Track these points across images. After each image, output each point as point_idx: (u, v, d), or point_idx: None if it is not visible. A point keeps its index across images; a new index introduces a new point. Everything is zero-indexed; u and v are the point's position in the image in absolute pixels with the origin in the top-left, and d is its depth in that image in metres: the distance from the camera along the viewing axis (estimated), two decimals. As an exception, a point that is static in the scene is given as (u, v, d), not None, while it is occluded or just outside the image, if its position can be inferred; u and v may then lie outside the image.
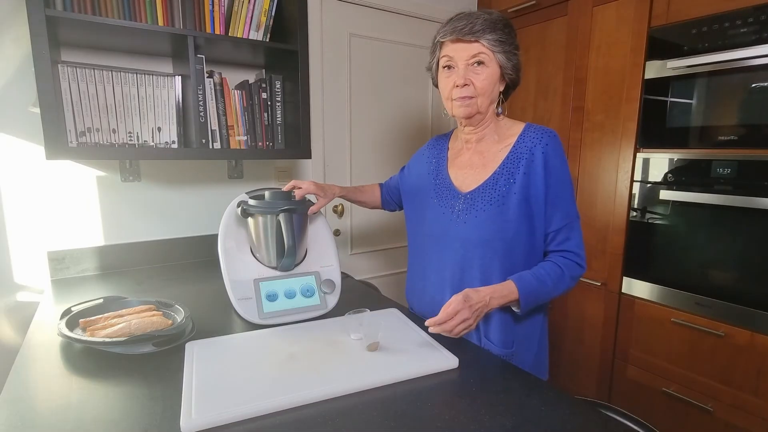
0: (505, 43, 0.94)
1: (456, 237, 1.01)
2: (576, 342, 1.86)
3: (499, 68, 0.96)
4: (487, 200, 0.98)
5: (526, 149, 0.96)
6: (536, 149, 0.95)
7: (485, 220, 0.97)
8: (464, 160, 1.06)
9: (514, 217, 0.95)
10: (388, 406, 0.72)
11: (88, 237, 1.47)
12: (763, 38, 1.28)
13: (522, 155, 0.96)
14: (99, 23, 1.17)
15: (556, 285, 0.94)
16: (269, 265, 1.12)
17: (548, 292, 0.95)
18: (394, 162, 2.12)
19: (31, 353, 0.89)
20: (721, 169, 1.39)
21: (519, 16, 1.98)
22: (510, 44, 0.95)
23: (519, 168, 0.96)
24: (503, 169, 0.98)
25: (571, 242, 0.97)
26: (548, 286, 0.94)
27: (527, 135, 0.98)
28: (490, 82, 0.96)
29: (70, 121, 1.27)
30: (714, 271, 1.43)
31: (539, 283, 0.93)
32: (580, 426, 0.70)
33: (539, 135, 0.97)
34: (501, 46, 0.94)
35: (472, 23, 0.92)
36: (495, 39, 0.93)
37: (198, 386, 0.75)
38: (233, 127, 1.48)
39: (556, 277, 0.94)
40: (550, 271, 0.95)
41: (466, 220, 1.00)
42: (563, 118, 1.84)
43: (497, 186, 0.97)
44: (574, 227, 0.98)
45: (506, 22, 0.96)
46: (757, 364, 1.35)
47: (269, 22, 1.44)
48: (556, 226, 0.97)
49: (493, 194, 0.97)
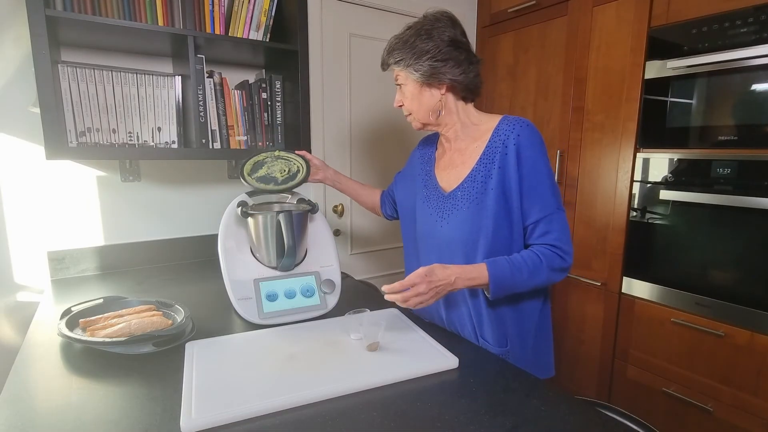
0: (405, 59, 0.96)
1: (440, 237, 1.01)
2: (576, 342, 1.86)
3: (415, 81, 0.98)
4: (467, 198, 0.97)
5: (500, 142, 0.95)
6: (509, 141, 0.93)
7: (465, 219, 0.97)
8: (447, 160, 1.07)
9: (492, 213, 0.94)
10: (388, 406, 0.72)
11: (88, 237, 1.47)
12: (763, 38, 1.28)
13: (497, 149, 0.95)
14: (99, 23, 1.17)
15: (532, 275, 0.91)
16: (269, 265, 1.12)
17: (524, 281, 0.91)
18: (394, 162, 2.12)
19: (31, 353, 0.89)
20: (721, 169, 1.39)
21: (519, 16, 1.98)
22: (412, 56, 0.95)
23: (494, 163, 0.95)
24: (480, 166, 0.97)
25: (551, 235, 0.93)
26: (523, 274, 0.90)
27: (501, 127, 0.96)
28: (411, 98, 1.00)
29: (70, 121, 1.27)
30: (714, 271, 1.43)
31: (513, 270, 0.90)
32: (580, 426, 0.70)
33: (512, 126, 0.95)
34: (402, 64, 0.97)
35: (383, 54, 1.01)
36: (395, 61, 0.98)
37: (198, 386, 0.75)
38: (233, 127, 1.48)
39: (533, 266, 0.91)
40: (527, 260, 0.91)
41: (449, 220, 1.00)
42: (563, 118, 1.84)
43: (475, 183, 0.97)
44: (553, 219, 0.94)
45: (407, 36, 0.97)
46: (757, 364, 1.35)
47: (269, 22, 1.44)
48: (534, 218, 0.94)
49: (472, 192, 0.97)
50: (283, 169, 1.18)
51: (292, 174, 1.19)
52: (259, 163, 1.16)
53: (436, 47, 0.94)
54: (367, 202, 1.36)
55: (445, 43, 0.95)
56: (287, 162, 1.18)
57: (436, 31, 0.95)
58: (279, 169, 1.17)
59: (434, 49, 0.94)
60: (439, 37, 0.94)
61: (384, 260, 2.14)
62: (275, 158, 1.17)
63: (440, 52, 0.94)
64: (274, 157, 1.17)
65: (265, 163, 1.16)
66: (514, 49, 2.04)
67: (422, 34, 0.95)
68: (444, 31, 0.95)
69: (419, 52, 0.95)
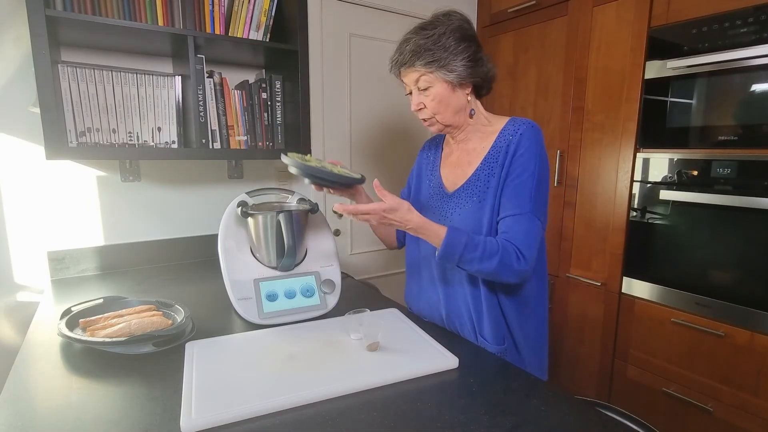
0: (439, 60, 0.92)
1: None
2: (576, 342, 1.86)
3: (447, 83, 0.94)
4: (469, 197, 0.98)
5: (505, 142, 0.95)
6: (512, 140, 0.94)
7: (465, 218, 0.98)
8: (453, 160, 1.07)
9: (489, 211, 0.95)
10: (388, 406, 0.72)
11: (88, 237, 1.47)
12: (763, 38, 1.28)
13: (500, 149, 0.96)
14: (99, 23, 1.17)
15: (483, 258, 0.88)
16: (269, 265, 1.12)
17: (473, 260, 0.88)
18: (394, 161, 2.12)
19: (31, 353, 0.89)
20: (721, 169, 1.39)
21: (519, 16, 1.98)
22: (447, 56, 0.92)
23: (497, 162, 0.95)
24: (484, 165, 0.98)
25: (511, 234, 0.90)
26: (476, 252, 0.88)
27: (507, 128, 0.97)
28: (439, 101, 0.96)
29: (70, 121, 1.27)
30: (714, 271, 1.43)
31: (468, 244, 0.88)
32: (580, 426, 0.70)
33: (517, 126, 0.96)
34: (434, 65, 0.92)
35: (402, 53, 0.95)
36: (424, 63, 0.93)
37: (198, 386, 0.75)
38: (233, 127, 1.48)
39: (489, 251, 0.88)
40: (486, 243, 0.89)
41: (451, 219, 1.00)
42: (563, 118, 1.84)
43: (478, 183, 0.98)
44: (521, 221, 0.90)
45: (438, 34, 0.92)
46: (757, 364, 1.35)
47: (269, 22, 1.44)
48: (504, 213, 0.92)
49: (474, 191, 0.98)
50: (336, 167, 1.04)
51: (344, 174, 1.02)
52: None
53: (469, 47, 0.94)
54: (388, 241, 1.25)
55: (475, 43, 0.95)
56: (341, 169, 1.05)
57: (466, 30, 0.94)
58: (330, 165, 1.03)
59: (468, 50, 0.93)
60: (471, 37, 0.94)
61: (384, 260, 2.14)
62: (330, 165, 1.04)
63: (473, 52, 0.94)
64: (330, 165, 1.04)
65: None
66: (514, 49, 2.04)
67: (455, 32, 0.93)
68: (471, 31, 0.95)
69: (455, 51, 0.92)
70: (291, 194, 1.25)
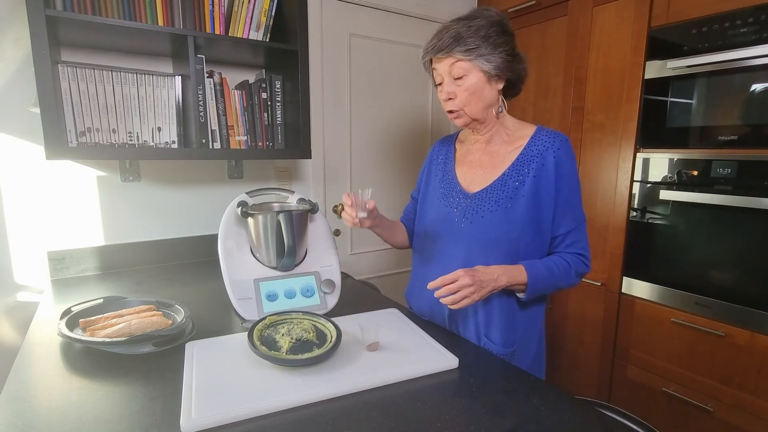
0: (480, 47, 0.91)
1: (461, 237, 1.01)
2: (576, 342, 1.86)
3: (483, 73, 0.94)
4: (495, 201, 0.98)
5: (538, 152, 0.96)
6: (548, 153, 0.95)
7: (492, 221, 0.97)
8: (474, 160, 1.06)
9: (521, 218, 0.95)
10: (388, 406, 0.72)
11: (88, 237, 1.46)
12: (763, 38, 1.28)
13: (533, 158, 0.96)
14: (99, 23, 1.17)
15: (562, 277, 0.96)
16: (269, 265, 1.12)
17: (555, 284, 0.96)
18: (394, 161, 2.12)
19: (31, 353, 0.89)
20: (721, 169, 1.39)
21: (519, 16, 1.98)
22: (487, 46, 0.92)
23: (529, 170, 0.96)
24: (513, 171, 0.98)
25: (579, 244, 0.99)
26: (555, 276, 0.95)
27: (539, 138, 0.98)
28: (473, 92, 0.95)
29: (70, 121, 1.27)
30: (714, 271, 1.43)
31: (548, 272, 0.94)
32: (580, 426, 0.70)
33: (551, 139, 0.97)
34: (474, 53, 0.92)
35: (441, 39, 0.93)
36: (465, 49, 0.92)
37: (198, 386, 0.75)
38: (233, 127, 1.48)
39: (563, 270, 0.96)
40: (558, 263, 0.96)
41: (472, 220, 0.99)
42: (563, 118, 1.84)
43: (506, 187, 0.97)
44: (581, 230, 0.99)
45: (479, 25, 0.92)
46: (757, 364, 1.35)
47: (269, 22, 1.44)
48: (565, 229, 0.98)
49: (502, 195, 0.97)
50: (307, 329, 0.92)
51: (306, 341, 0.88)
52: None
53: (509, 42, 0.94)
54: (400, 236, 1.21)
55: (514, 39, 0.96)
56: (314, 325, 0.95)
57: (507, 26, 0.95)
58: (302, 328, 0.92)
59: (508, 43, 0.94)
60: (510, 32, 0.96)
61: (384, 260, 2.14)
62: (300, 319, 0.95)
63: (512, 47, 0.95)
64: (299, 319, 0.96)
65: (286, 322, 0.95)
66: (514, 49, 2.04)
67: (496, 25, 0.93)
68: (509, 27, 0.96)
69: (495, 43, 0.92)
70: (291, 194, 1.25)
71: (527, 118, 1.99)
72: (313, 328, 0.92)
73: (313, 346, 0.86)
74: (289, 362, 0.80)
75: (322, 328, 0.93)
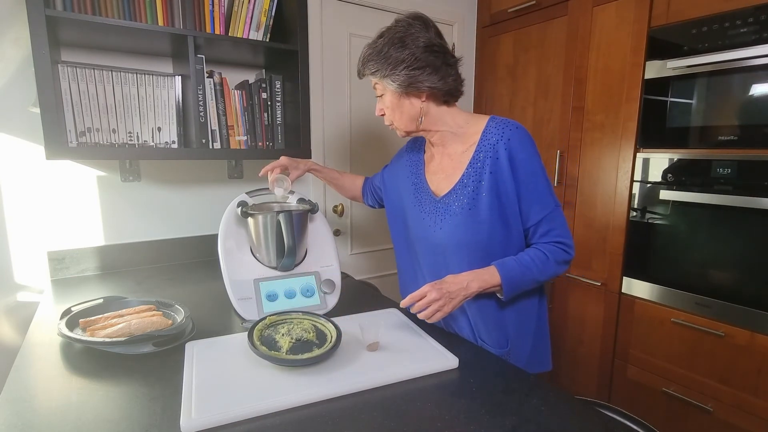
0: (381, 69, 0.92)
1: (433, 242, 1.00)
2: (576, 342, 1.86)
3: (396, 92, 0.94)
4: (459, 204, 0.96)
5: (490, 146, 0.93)
6: (499, 145, 0.92)
7: (458, 224, 0.95)
8: (436, 165, 1.05)
9: (486, 218, 0.93)
10: (388, 406, 0.72)
11: (88, 237, 1.46)
12: (763, 38, 1.28)
13: (487, 153, 0.93)
14: (99, 23, 1.17)
15: (540, 270, 0.93)
16: (269, 265, 1.12)
17: (533, 278, 0.93)
18: (394, 162, 2.11)
19: (32, 353, 0.89)
20: (721, 169, 1.39)
21: (519, 16, 1.98)
22: (387, 67, 0.91)
23: (485, 167, 0.93)
24: (470, 171, 0.95)
25: (555, 232, 0.94)
26: (532, 270, 0.92)
27: (489, 131, 0.94)
28: (393, 108, 0.97)
29: (70, 121, 1.27)
30: (714, 271, 1.43)
31: (522, 269, 0.92)
32: (580, 426, 0.70)
33: (501, 129, 0.93)
34: (378, 75, 0.93)
35: (359, 61, 0.97)
36: (372, 72, 0.94)
37: (198, 386, 0.75)
38: (233, 127, 1.48)
39: (540, 261, 0.93)
40: (534, 257, 0.93)
41: (441, 225, 0.98)
42: (563, 118, 1.84)
43: (466, 188, 0.95)
44: (554, 217, 0.94)
45: (380, 46, 0.91)
46: (757, 364, 1.35)
47: (269, 22, 1.44)
48: (535, 219, 0.94)
49: (464, 197, 0.95)
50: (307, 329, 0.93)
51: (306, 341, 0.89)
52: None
53: (411, 55, 0.89)
54: (348, 190, 1.33)
55: (420, 50, 0.90)
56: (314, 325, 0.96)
57: (409, 38, 0.90)
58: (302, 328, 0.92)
59: (410, 58, 0.89)
60: (414, 44, 0.90)
61: (384, 260, 2.14)
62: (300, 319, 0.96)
63: (416, 60, 0.89)
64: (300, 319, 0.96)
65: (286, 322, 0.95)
66: (514, 49, 2.04)
67: (396, 42, 0.90)
68: (418, 37, 0.90)
69: (394, 62, 0.90)
70: (291, 194, 1.25)
71: (527, 118, 2.00)
72: (313, 328, 0.92)
73: (313, 346, 0.86)
74: (289, 362, 0.80)
75: (322, 328, 0.93)
